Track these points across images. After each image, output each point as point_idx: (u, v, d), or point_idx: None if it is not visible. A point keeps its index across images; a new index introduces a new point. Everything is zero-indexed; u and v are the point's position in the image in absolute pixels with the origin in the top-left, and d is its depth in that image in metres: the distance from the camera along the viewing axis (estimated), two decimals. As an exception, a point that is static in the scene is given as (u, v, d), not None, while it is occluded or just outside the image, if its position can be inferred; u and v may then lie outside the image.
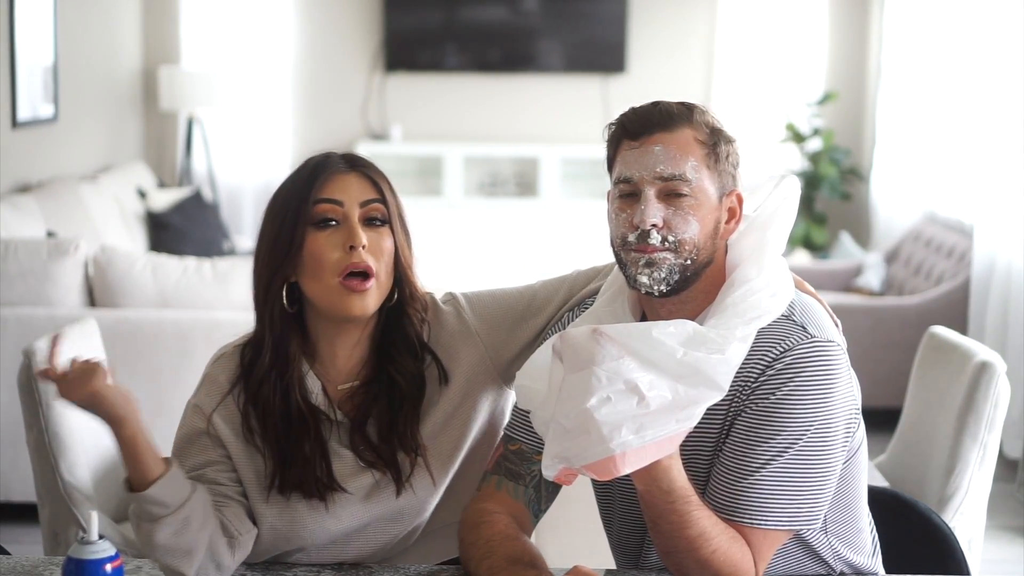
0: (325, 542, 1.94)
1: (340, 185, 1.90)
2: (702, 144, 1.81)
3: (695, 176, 1.79)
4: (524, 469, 1.90)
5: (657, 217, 1.78)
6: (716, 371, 1.66)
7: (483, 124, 8.07)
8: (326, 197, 1.89)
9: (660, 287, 1.80)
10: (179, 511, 1.78)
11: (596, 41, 7.92)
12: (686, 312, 1.83)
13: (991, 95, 5.65)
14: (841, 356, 1.79)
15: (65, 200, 5.66)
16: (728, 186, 1.84)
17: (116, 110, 7.22)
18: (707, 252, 1.82)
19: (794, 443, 1.75)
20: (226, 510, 1.89)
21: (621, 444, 1.62)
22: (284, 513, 1.92)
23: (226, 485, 1.92)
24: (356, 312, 1.88)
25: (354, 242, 1.87)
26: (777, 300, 1.77)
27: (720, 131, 1.84)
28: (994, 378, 2.79)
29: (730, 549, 1.74)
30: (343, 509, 1.92)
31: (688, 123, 1.82)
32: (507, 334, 2.01)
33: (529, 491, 1.89)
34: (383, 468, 1.92)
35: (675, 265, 1.79)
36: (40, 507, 3.08)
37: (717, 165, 1.82)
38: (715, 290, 1.83)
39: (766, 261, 1.80)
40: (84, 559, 1.60)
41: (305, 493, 1.90)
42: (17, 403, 3.08)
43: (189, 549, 1.80)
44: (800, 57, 7.85)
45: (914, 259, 6.31)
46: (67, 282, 4.33)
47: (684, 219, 1.79)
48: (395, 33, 7.90)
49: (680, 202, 1.79)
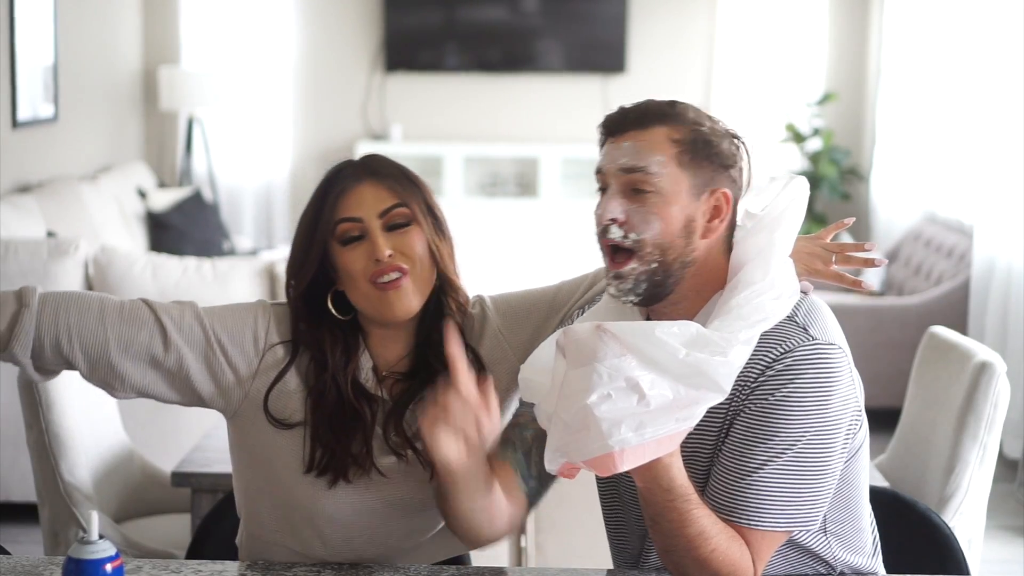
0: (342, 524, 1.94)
1: (356, 200, 1.92)
2: (676, 142, 1.80)
3: (659, 171, 1.78)
4: (515, 435, 1.91)
5: (617, 213, 1.79)
6: (718, 373, 1.66)
7: (483, 124, 8.07)
8: (345, 216, 1.91)
9: (629, 297, 1.81)
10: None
11: (596, 41, 7.92)
12: (679, 313, 1.83)
13: (991, 95, 5.65)
14: (842, 358, 1.79)
15: (65, 200, 5.66)
16: (713, 184, 1.81)
17: (116, 110, 7.22)
18: (678, 252, 1.79)
19: (793, 445, 1.75)
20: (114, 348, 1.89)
21: (620, 441, 1.62)
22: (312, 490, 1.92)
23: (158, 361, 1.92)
24: (399, 313, 1.91)
25: (378, 255, 1.89)
26: (781, 303, 1.76)
27: (702, 129, 1.81)
28: (994, 378, 2.80)
29: (729, 549, 1.74)
30: (366, 490, 1.93)
31: (664, 121, 1.81)
32: (530, 334, 2.02)
33: (518, 455, 1.89)
34: (407, 452, 1.94)
35: (641, 274, 1.79)
36: (40, 507, 3.08)
37: (694, 163, 1.80)
38: (708, 290, 1.83)
39: (772, 263, 1.79)
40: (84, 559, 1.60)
41: (341, 475, 1.91)
42: (17, 403, 3.08)
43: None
44: (800, 57, 7.85)
45: (914, 259, 6.31)
46: (67, 282, 4.33)
47: (644, 217, 1.78)
48: (395, 33, 7.90)
49: (643, 199, 1.79)
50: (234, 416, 1.96)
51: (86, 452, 3.09)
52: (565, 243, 7.37)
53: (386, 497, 1.95)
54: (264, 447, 1.94)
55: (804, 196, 1.87)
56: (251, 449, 1.96)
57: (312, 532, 1.95)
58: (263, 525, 1.98)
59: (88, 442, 3.11)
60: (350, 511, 1.94)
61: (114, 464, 3.25)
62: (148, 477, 3.35)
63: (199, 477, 2.83)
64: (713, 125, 1.83)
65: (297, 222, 1.99)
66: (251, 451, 1.96)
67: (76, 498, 3.01)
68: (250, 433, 1.95)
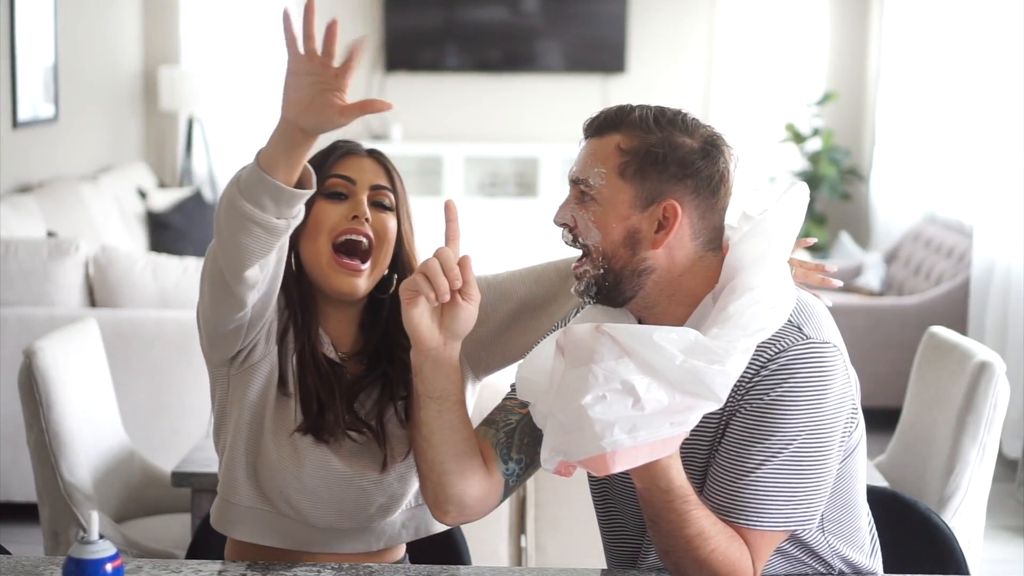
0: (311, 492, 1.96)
1: (356, 165, 2.00)
2: (623, 152, 1.79)
3: (598, 183, 1.80)
4: (500, 417, 1.92)
5: (566, 216, 1.84)
6: (714, 381, 1.67)
7: (483, 124, 8.08)
8: (340, 173, 1.98)
9: (585, 297, 1.85)
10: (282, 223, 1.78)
11: (596, 41, 7.93)
12: (660, 315, 1.83)
13: (991, 96, 5.65)
14: (837, 357, 1.79)
15: (65, 200, 5.66)
16: (661, 195, 1.78)
17: (116, 110, 7.22)
18: (623, 261, 1.80)
19: (789, 444, 1.75)
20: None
21: (612, 443, 1.63)
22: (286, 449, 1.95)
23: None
24: (345, 289, 1.95)
25: (358, 212, 1.94)
26: (778, 312, 1.76)
27: (654, 139, 1.78)
28: (994, 378, 2.80)
29: (728, 549, 1.75)
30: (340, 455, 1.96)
31: (618, 129, 1.81)
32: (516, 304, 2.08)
33: (499, 435, 1.90)
34: (367, 435, 1.97)
35: (592, 277, 1.82)
36: (40, 507, 3.08)
37: (638, 174, 1.78)
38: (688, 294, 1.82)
39: (770, 269, 1.79)
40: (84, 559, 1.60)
41: (330, 434, 1.95)
42: (17, 403, 3.09)
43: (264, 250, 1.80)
44: (800, 57, 7.85)
45: (914, 259, 6.31)
46: (67, 282, 4.34)
47: (586, 224, 1.82)
48: (395, 33, 7.90)
49: (586, 207, 1.82)
50: (244, 366, 1.97)
51: (86, 452, 3.09)
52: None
53: (349, 468, 1.97)
54: (256, 408, 1.97)
55: (803, 203, 1.86)
56: (242, 409, 1.98)
57: (281, 498, 1.97)
58: (238, 491, 1.99)
59: (88, 442, 3.11)
60: (320, 481, 1.96)
61: (114, 464, 3.25)
62: (148, 477, 3.35)
63: (199, 477, 2.83)
64: (671, 134, 1.79)
65: None
66: (241, 411, 1.98)
67: (76, 498, 3.01)
68: (247, 393, 1.97)
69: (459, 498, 1.84)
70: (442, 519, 1.88)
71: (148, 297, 4.36)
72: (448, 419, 1.82)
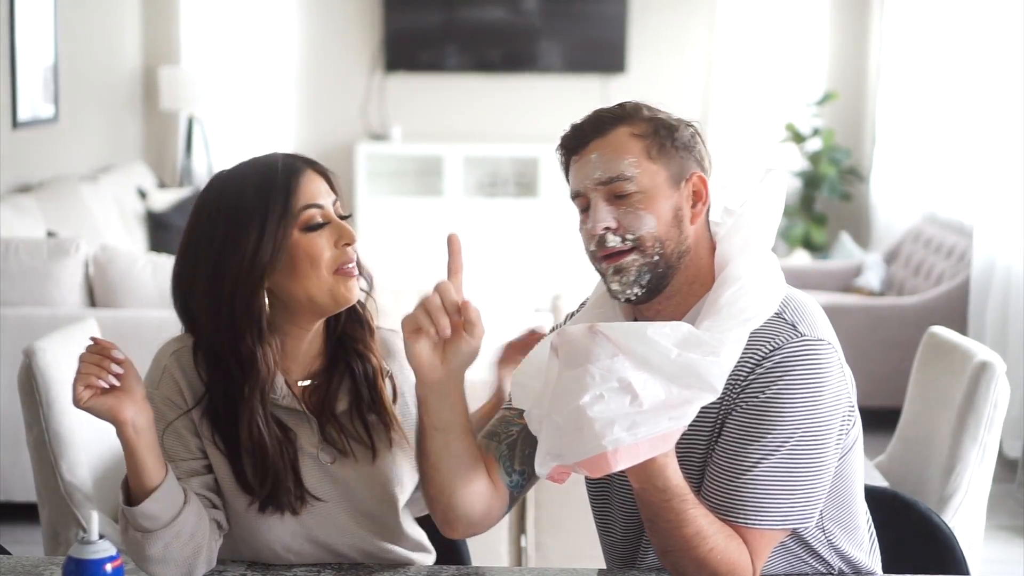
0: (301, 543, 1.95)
1: (313, 188, 1.91)
2: (639, 138, 1.82)
3: (635, 172, 1.80)
4: (501, 429, 1.92)
5: (608, 220, 1.81)
6: (710, 372, 1.67)
7: (483, 124, 8.07)
8: (310, 203, 1.90)
9: (633, 290, 1.81)
10: (170, 526, 1.81)
11: (596, 41, 7.93)
12: (672, 307, 1.84)
13: (991, 96, 5.65)
14: (831, 354, 1.79)
15: (65, 200, 5.66)
16: (686, 170, 1.83)
17: (116, 110, 7.22)
18: (674, 242, 1.82)
19: (786, 441, 1.75)
20: (216, 503, 1.91)
21: (614, 441, 1.63)
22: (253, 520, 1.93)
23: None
24: (353, 298, 1.93)
25: (349, 239, 1.91)
26: (767, 300, 1.78)
27: (660, 120, 1.84)
28: (994, 378, 2.79)
29: (727, 547, 1.75)
30: (314, 515, 1.94)
31: (621, 122, 1.84)
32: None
33: (502, 447, 1.90)
34: (359, 443, 1.96)
35: (644, 265, 1.80)
36: (40, 507, 3.08)
37: (663, 153, 1.82)
38: (698, 284, 1.84)
39: (755, 257, 1.80)
40: (84, 559, 1.60)
41: (278, 508, 1.92)
42: (17, 403, 3.08)
43: (176, 560, 1.83)
44: (800, 57, 7.85)
45: (914, 259, 6.31)
46: (67, 282, 4.34)
47: (636, 216, 1.80)
48: (395, 33, 7.90)
49: (628, 200, 1.81)
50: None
51: (86, 452, 3.09)
52: (565, 243, 7.38)
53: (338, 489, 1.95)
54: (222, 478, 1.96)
55: (782, 189, 1.88)
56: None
57: (289, 553, 1.96)
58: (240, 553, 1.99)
59: (88, 442, 3.11)
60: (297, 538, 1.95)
61: (114, 464, 3.25)
62: (148, 477, 3.35)
63: (199, 477, 2.82)
64: (668, 115, 1.85)
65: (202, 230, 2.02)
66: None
67: (76, 498, 3.01)
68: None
69: (467, 516, 1.86)
70: (451, 535, 1.90)
71: (148, 297, 4.36)
72: (455, 448, 1.81)
